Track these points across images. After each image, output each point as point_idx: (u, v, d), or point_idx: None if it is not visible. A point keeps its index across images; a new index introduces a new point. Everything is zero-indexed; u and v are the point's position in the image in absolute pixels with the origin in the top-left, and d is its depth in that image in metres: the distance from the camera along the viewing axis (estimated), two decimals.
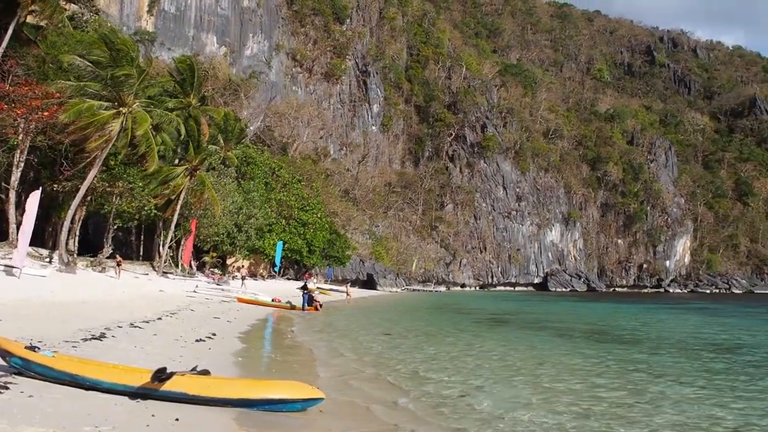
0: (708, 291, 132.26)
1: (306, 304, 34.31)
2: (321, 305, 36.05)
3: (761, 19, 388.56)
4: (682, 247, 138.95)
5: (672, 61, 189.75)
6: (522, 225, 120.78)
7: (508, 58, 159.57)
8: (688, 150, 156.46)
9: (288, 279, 66.60)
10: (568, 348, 21.74)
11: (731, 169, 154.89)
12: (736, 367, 17.56)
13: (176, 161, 44.28)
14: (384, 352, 18.31)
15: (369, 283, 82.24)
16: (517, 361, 17.30)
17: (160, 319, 19.81)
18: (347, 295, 57.28)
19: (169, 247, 45.64)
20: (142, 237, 47.22)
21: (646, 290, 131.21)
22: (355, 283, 77.51)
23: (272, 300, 35.61)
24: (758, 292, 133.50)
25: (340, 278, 79.92)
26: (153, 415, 8.47)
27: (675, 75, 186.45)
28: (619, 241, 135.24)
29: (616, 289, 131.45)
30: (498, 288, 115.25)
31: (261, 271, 64.52)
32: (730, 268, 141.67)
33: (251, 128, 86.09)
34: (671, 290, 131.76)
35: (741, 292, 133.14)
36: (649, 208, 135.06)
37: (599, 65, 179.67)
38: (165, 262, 44.80)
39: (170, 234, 44.25)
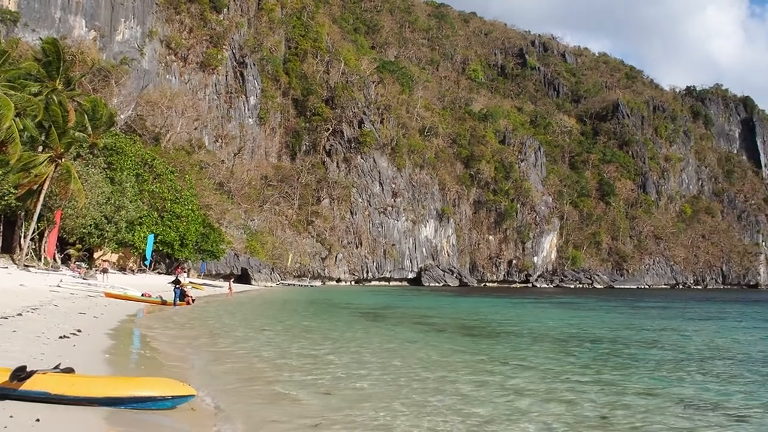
0: (572, 286, 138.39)
1: (178, 299, 33.41)
2: (193, 300, 35.22)
3: (624, 29, 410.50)
4: (549, 244, 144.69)
5: (542, 65, 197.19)
6: (397, 221, 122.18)
7: (386, 55, 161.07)
8: (556, 150, 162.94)
9: (159, 273, 64.58)
10: (434, 340, 22.19)
11: (595, 170, 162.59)
12: (583, 358, 18.32)
13: (39, 149, 41.97)
14: (252, 348, 18.06)
15: (243, 278, 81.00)
16: (371, 355, 17.43)
17: (20, 315, 18.65)
18: (229, 290, 56.72)
19: (31, 239, 43.29)
20: (2, 228, 44.54)
21: (515, 285, 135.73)
22: (228, 277, 76.36)
23: (142, 295, 34.44)
24: (618, 287, 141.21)
25: (214, 273, 78.47)
26: (11, 416, 7.93)
27: (545, 78, 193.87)
28: (491, 237, 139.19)
29: (487, 284, 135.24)
30: (373, 283, 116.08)
31: (131, 264, 62.28)
32: (593, 264, 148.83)
33: (122, 116, 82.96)
34: (538, 285, 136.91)
35: (602, 286, 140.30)
36: (519, 205, 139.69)
37: (474, 66, 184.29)
38: (26, 255, 42.46)
39: (32, 225, 41.93)
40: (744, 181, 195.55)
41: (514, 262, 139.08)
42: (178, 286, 33.95)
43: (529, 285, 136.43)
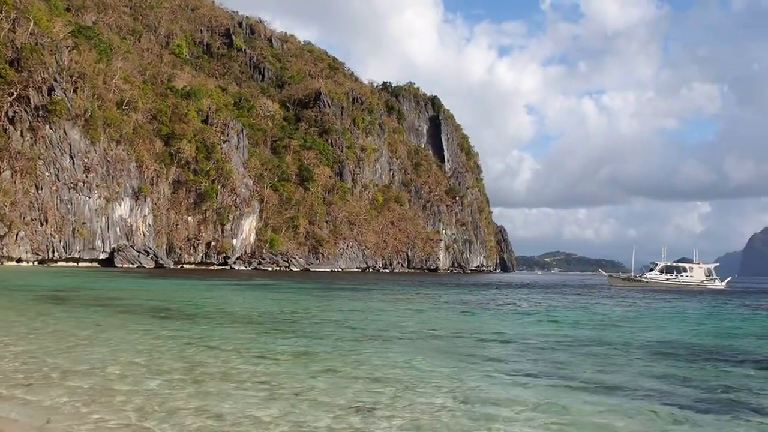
0: (270, 269, 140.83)
1: None
2: None
3: (333, 20, 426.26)
4: (249, 227, 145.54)
5: (249, 47, 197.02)
6: (89, 197, 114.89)
7: (83, 19, 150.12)
8: (258, 134, 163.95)
9: None
10: (121, 323, 21.27)
11: (296, 155, 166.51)
12: (275, 337, 18.60)
13: None
14: None
15: None
16: (52, 341, 16.27)
17: None
18: None
19: None
20: None
21: (213, 267, 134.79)
22: None
23: None
24: (313, 270, 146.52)
25: None
26: None
27: (251, 61, 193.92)
28: (189, 218, 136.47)
29: (185, 265, 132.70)
30: (60, 263, 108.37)
31: None
32: (291, 248, 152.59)
33: None
34: (237, 267, 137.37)
35: (299, 269, 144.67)
36: (219, 187, 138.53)
37: (179, 41, 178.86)
38: None
39: None
40: (429, 173, 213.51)
41: (212, 244, 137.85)
42: None
43: (228, 267, 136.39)
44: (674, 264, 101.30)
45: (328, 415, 10.16)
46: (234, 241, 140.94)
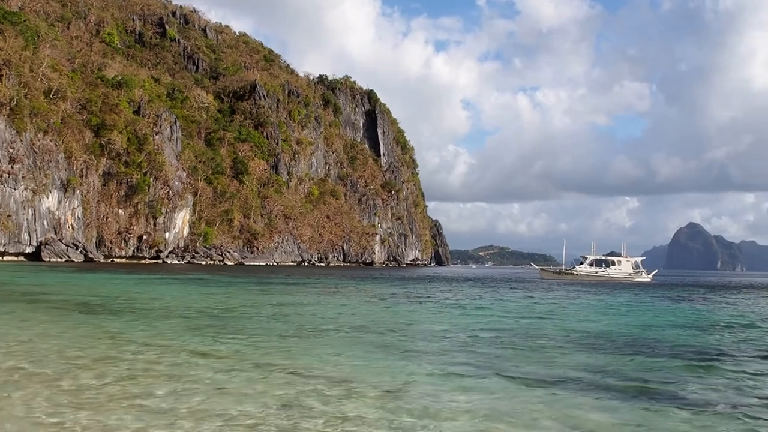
0: (204, 262, 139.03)
1: None
2: None
3: (270, 12, 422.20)
4: (182, 220, 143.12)
5: (183, 37, 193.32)
6: (15, 189, 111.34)
7: (9, 4, 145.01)
8: (192, 126, 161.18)
9: None
10: (48, 318, 20.68)
11: (230, 148, 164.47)
12: (211, 330, 18.35)
13: None
14: None
15: None
16: None
17: None
18: None
19: None
20: None
21: (145, 261, 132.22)
22: None
23: None
24: (248, 263, 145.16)
25: None
26: None
27: (185, 51, 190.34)
28: (120, 211, 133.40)
29: (115, 260, 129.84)
30: None
31: None
32: (225, 241, 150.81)
33: None
34: (170, 261, 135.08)
35: (233, 263, 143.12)
36: (152, 179, 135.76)
37: (109, 29, 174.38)
38: None
39: None
40: (365, 167, 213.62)
41: (144, 237, 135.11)
42: None
43: (160, 261, 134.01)
44: (603, 258, 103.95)
45: (247, 416, 9.89)
46: (167, 234, 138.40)
